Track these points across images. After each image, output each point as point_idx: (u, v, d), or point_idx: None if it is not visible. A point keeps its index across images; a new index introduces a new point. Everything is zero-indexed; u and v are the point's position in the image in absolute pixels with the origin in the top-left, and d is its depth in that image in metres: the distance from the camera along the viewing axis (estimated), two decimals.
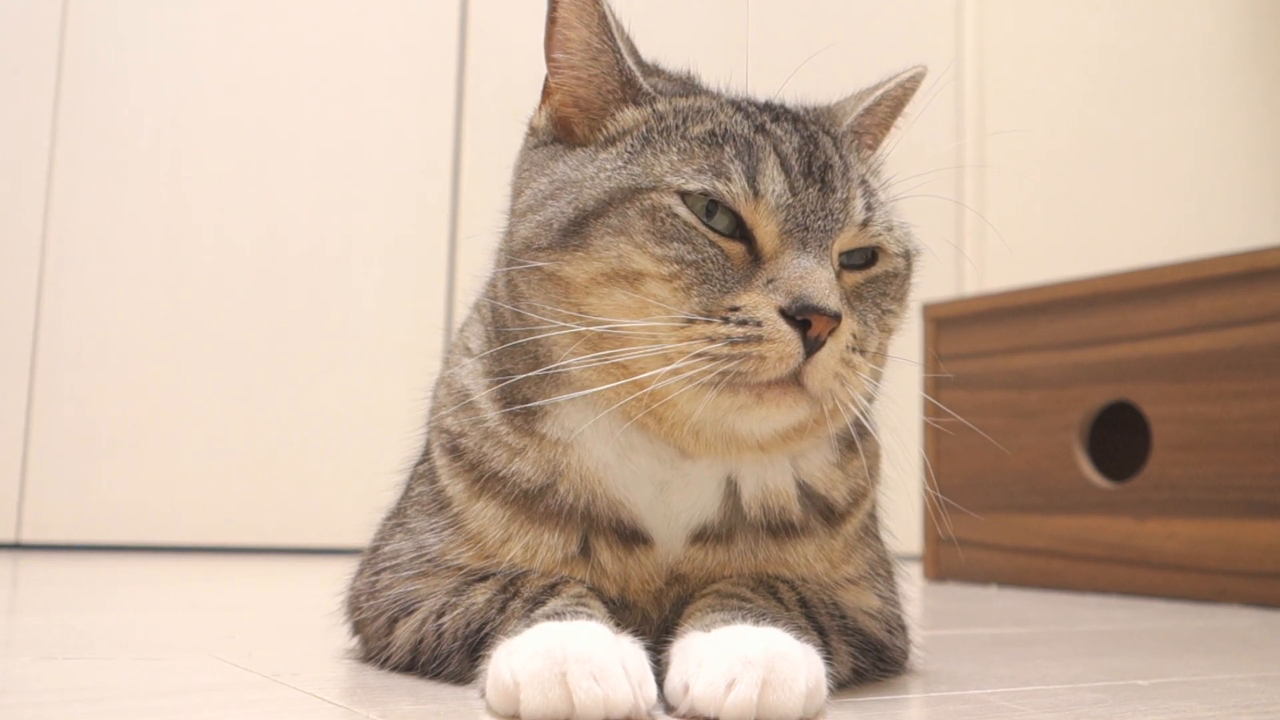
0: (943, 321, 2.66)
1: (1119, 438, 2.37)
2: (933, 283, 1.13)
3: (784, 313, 0.86)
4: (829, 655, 0.91)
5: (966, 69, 3.71)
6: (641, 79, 0.98)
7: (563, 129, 1.00)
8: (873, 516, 1.10)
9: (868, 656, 1.01)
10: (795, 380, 0.87)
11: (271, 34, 2.88)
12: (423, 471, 1.06)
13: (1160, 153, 3.52)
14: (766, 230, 0.90)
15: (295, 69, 2.88)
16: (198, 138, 2.79)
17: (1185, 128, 3.48)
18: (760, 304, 0.87)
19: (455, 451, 1.00)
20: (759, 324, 0.86)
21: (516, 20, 2.97)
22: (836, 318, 0.87)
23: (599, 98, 0.98)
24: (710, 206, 0.90)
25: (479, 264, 1.10)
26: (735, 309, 0.87)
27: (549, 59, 0.99)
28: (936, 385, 2.58)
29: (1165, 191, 3.49)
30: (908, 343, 1.08)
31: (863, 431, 1.02)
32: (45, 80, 2.66)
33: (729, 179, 0.90)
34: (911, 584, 1.32)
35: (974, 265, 3.55)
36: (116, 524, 2.65)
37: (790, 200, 0.91)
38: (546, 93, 1.01)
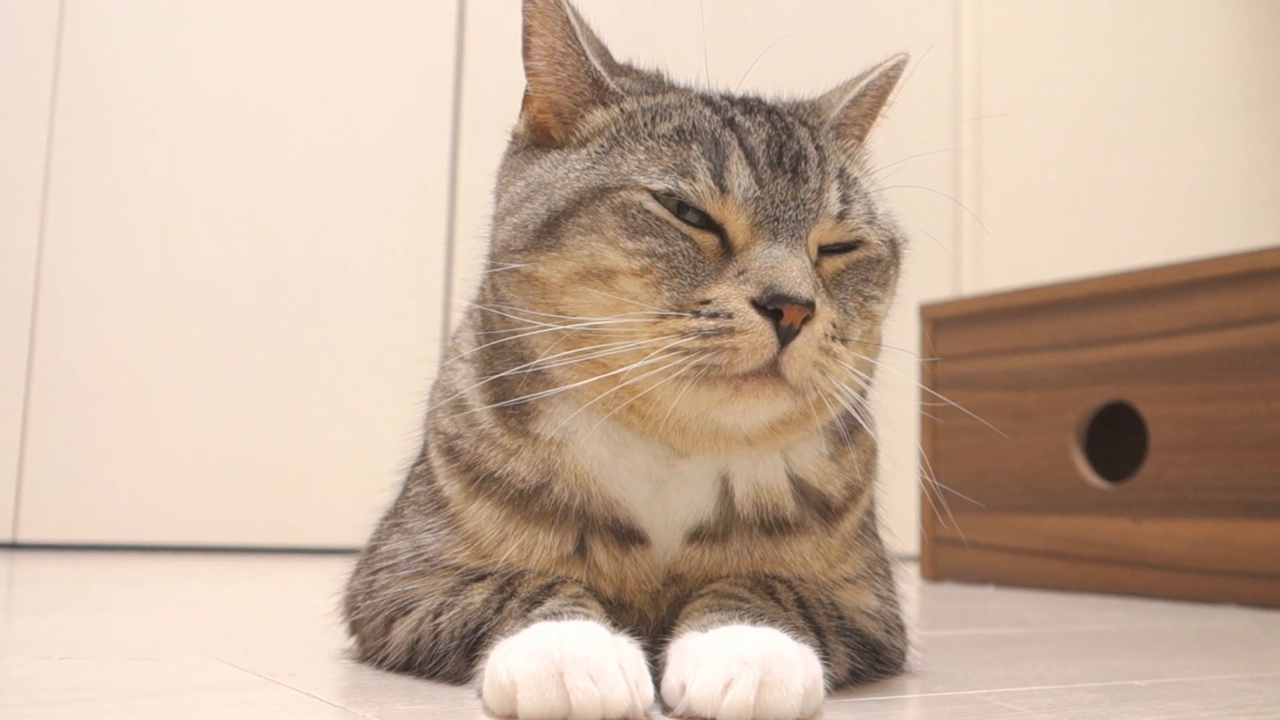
0: (940, 322, 2.66)
1: (1116, 438, 2.37)
2: (930, 283, 1.14)
3: (755, 303, 0.86)
4: (826, 656, 0.91)
5: (964, 72, 3.71)
6: (609, 79, 0.98)
7: (540, 134, 1.01)
8: (871, 515, 1.10)
9: (865, 657, 1.01)
10: (773, 371, 0.87)
11: (269, 39, 2.87)
12: (420, 472, 1.07)
13: (1158, 155, 3.53)
14: (737, 224, 0.90)
15: (293, 74, 2.88)
16: (195, 141, 2.78)
17: (1183, 129, 3.49)
18: (731, 295, 0.87)
19: (451, 452, 1.01)
20: (730, 316, 0.86)
21: (514, 26, 2.96)
22: (809, 305, 0.87)
23: (570, 100, 0.99)
24: (681, 204, 0.90)
25: (474, 268, 1.10)
26: (706, 302, 0.87)
27: (525, 67, 1.00)
28: (934, 385, 2.59)
29: (1162, 192, 3.49)
30: (905, 343, 1.08)
31: (855, 425, 1.02)
32: (41, 83, 2.66)
33: (694, 178, 0.90)
34: (909, 584, 1.32)
35: (971, 266, 3.56)
36: (113, 523, 2.64)
37: (758, 193, 0.91)
38: (526, 100, 1.03)
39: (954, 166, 3.62)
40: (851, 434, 1.02)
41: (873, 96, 1.07)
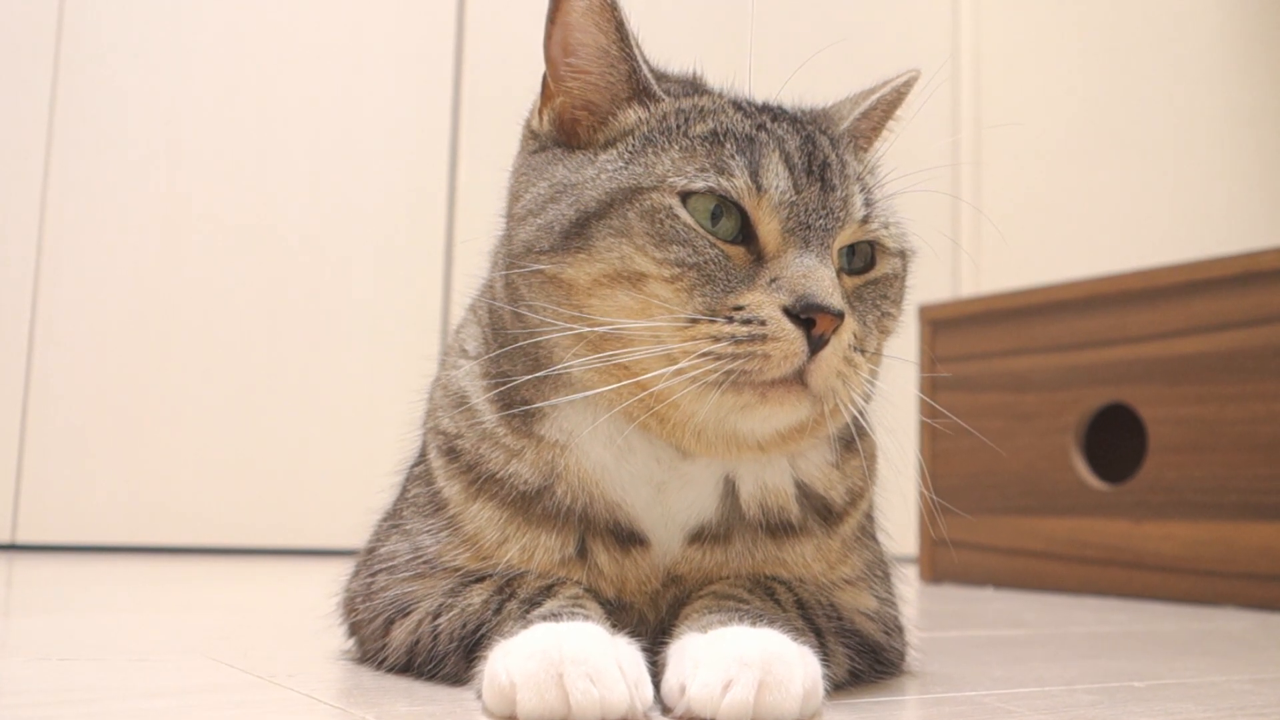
0: (939, 323, 2.66)
1: (1115, 440, 2.37)
2: (929, 285, 1.13)
3: (788, 311, 0.86)
4: (825, 657, 0.91)
5: (963, 73, 3.71)
6: (656, 85, 0.97)
7: (565, 132, 0.99)
8: (870, 517, 1.10)
9: (864, 658, 1.01)
10: (799, 379, 0.88)
11: (268, 31, 2.87)
12: (419, 473, 1.06)
13: (1156, 155, 3.53)
14: (769, 228, 0.90)
15: (292, 67, 2.88)
16: (194, 137, 2.78)
17: (1182, 130, 3.49)
18: (764, 303, 0.87)
19: (452, 453, 1.00)
20: (763, 323, 0.86)
21: (514, 18, 2.97)
22: (840, 316, 0.87)
23: (609, 102, 0.97)
24: (716, 211, 0.90)
25: (475, 266, 1.10)
26: (739, 308, 0.87)
27: (555, 62, 0.98)
28: (933, 387, 2.59)
29: (1161, 193, 3.49)
30: (904, 344, 1.09)
31: (860, 431, 1.03)
32: (41, 74, 2.66)
33: (731, 175, 0.90)
34: (908, 585, 1.32)
35: (970, 267, 3.56)
36: (112, 525, 2.64)
37: (794, 198, 0.91)
38: (546, 95, 1.00)
39: (953, 168, 3.62)
40: (854, 440, 1.03)
41: (881, 111, 1.07)
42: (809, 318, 0.86)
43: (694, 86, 1.02)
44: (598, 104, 0.98)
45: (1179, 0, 3.51)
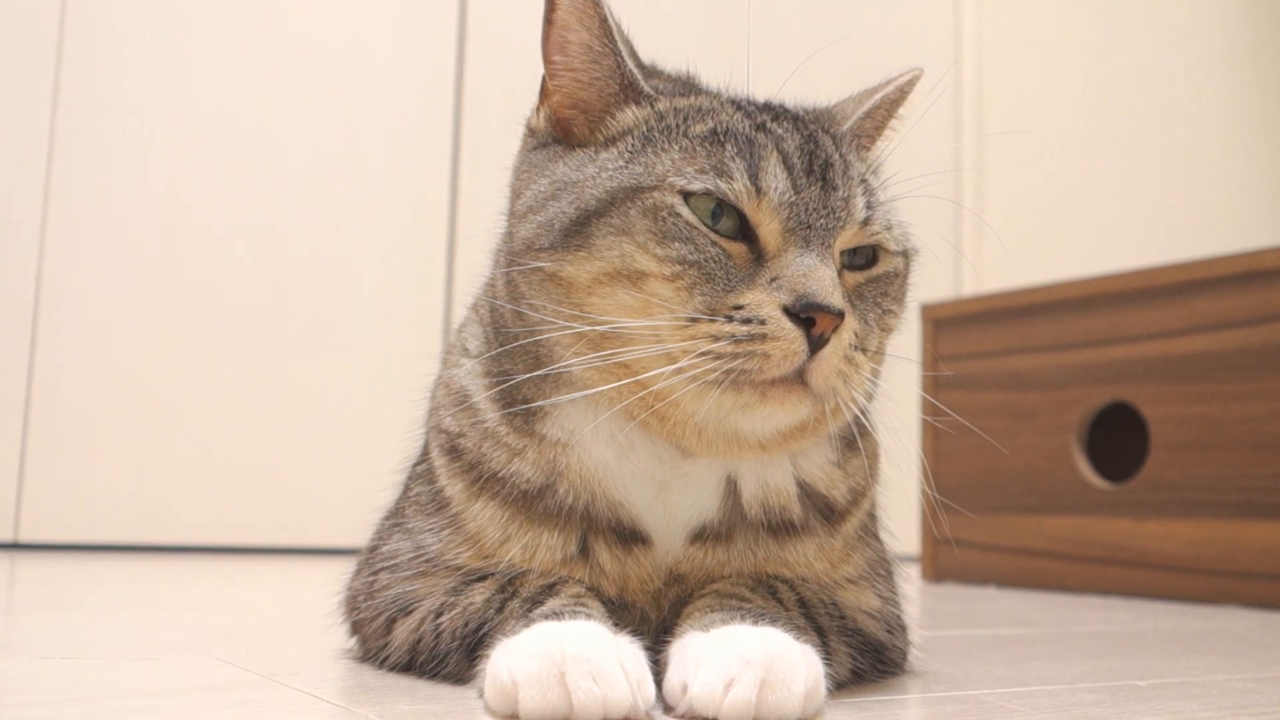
0: (941, 322, 2.66)
1: (1117, 439, 2.37)
2: (931, 283, 1.13)
3: (788, 311, 0.86)
4: (828, 655, 0.91)
5: (965, 71, 3.71)
6: (642, 81, 0.97)
7: (562, 130, 0.99)
8: (872, 516, 1.10)
9: (867, 657, 1.01)
10: (799, 378, 0.87)
11: (271, 30, 2.88)
12: (421, 472, 1.06)
13: (1158, 154, 3.53)
14: (769, 228, 0.90)
15: (294, 66, 2.88)
16: (196, 137, 2.79)
17: (1183, 129, 3.49)
18: (764, 302, 0.87)
19: (454, 452, 1.00)
20: (763, 322, 0.86)
21: (515, 18, 2.97)
22: (840, 315, 0.87)
23: (599, 99, 0.98)
24: (716, 210, 0.90)
25: (477, 264, 1.10)
26: (739, 307, 0.87)
27: (548, 60, 0.98)
28: (935, 385, 2.59)
29: (1163, 193, 3.49)
30: (906, 343, 1.09)
31: (862, 430, 1.03)
32: (44, 74, 2.66)
33: (731, 177, 0.90)
34: (910, 584, 1.32)
35: (972, 266, 3.56)
36: (114, 524, 2.64)
37: (793, 198, 0.91)
38: (544, 94, 1.01)
39: (955, 167, 3.62)
40: (856, 439, 1.03)
41: (885, 110, 1.07)
42: (809, 317, 0.86)
43: (688, 85, 1.02)
44: (589, 101, 0.98)
45: (1180, 3, 3.51)
